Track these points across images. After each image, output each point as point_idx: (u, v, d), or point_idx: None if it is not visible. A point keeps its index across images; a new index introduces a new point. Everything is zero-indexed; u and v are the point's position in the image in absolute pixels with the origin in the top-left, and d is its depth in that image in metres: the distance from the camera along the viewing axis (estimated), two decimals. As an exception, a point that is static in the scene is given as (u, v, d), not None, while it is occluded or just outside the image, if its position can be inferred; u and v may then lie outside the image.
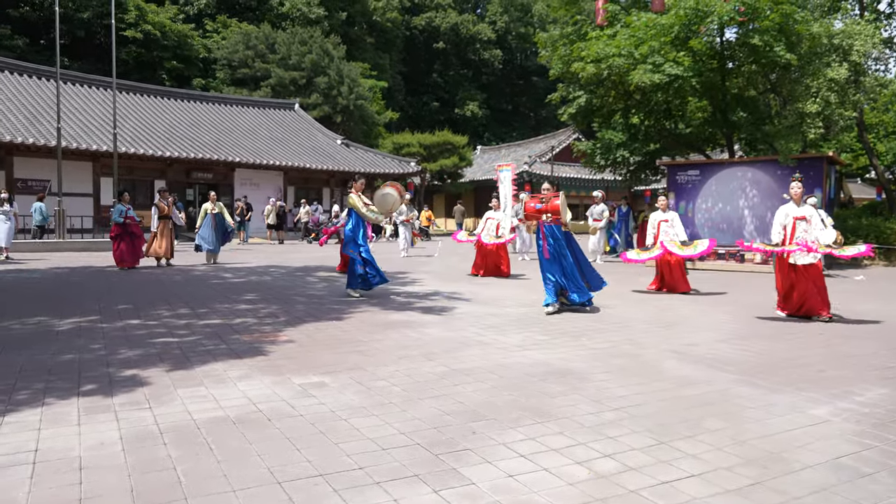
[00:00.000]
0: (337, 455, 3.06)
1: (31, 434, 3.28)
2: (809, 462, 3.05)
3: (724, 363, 5.08)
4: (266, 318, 7.00)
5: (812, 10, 15.93)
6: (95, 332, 6.05)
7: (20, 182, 22.39)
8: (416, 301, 8.56)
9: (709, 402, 4.03)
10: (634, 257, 10.34)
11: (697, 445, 3.25)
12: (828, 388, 4.37)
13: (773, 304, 7.79)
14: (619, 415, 3.73)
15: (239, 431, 3.37)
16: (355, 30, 48.58)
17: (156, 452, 3.06)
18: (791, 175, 13.68)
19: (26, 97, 25.55)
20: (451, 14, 56.33)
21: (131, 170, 24.90)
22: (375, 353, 5.29)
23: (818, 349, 5.71)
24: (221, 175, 28.09)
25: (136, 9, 37.05)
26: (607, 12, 16.70)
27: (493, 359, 5.14)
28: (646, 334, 6.33)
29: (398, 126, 48.19)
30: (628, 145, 17.81)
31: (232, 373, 4.58)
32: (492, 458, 3.04)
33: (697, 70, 14.52)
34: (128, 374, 4.50)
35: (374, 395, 4.09)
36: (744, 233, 14.43)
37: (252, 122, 32.90)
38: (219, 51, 40.92)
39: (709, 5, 13.69)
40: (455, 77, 57.08)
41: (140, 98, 30.65)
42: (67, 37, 35.60)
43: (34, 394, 3.99)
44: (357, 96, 39.78)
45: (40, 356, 5.01)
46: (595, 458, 3.07)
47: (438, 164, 37.23)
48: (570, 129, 38.84)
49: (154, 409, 3.71)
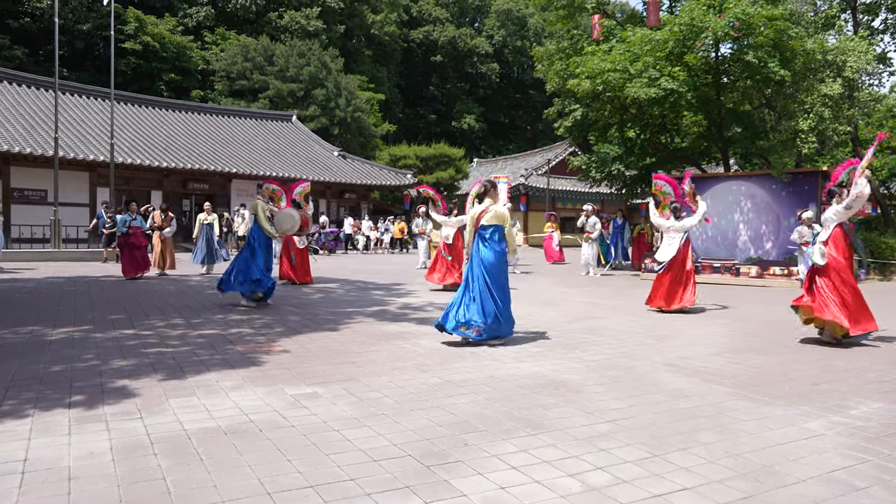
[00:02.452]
0: (328, 466, 3.04)
1: (21, 444, 3.26)
2: (803, 476, 3.04)
3: (718, 376, 5.08)
4: (260, 329, 6.98)
5: (806, 26, 16.10)
6: (88, 342, 6.02)
7: (17, 192, 22.36)
8: (411, 312, 8.54)
9: (702, 414, 4.02)
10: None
11: (691, 458, 3.24)
12: (822, 401, 4.37)
13: (767, 319, 7.78)
14: (612, 427, 3.72)
15: (230, 442, 3.35)
16: (353, 43, 48.84)
17: (146, 462, 3.04)
18: (786, 189, 13.86)
19: (24, 107, 25.57)
20: (448, 28, 56.69)
21: (128, 180, 24.89)
22: (369, 365, 5.27)
23: (812, 363, 5.71)
24: (218, 186, 28.10)
25: (135, 20, 37.21)
26: (603, 27, 16.86)
27: (487, 370, 5.13)
28: (640, 347, 6.33)
29: (395, 138, 48.34)
30: (624, 159, 17.89)
31: (224, 383, 4.56)
32: (484, 470, 3.03)
33: (692, 85, 14.63)
34: (119, 384, 4.47)
35: (366, 406, 4.07)
36: (738, 245, 14.49)
37: (249, 134, 32.97)
38: (217, 63, 41.06)
39: (703, 21, 13.82)
40: (452, 90, 57.35)
41: (138, 109, 30.70)
42: (67, 48, 35.73)
43: (25, 403, 3.96)
44: (354, 108, 39.93)
45: (32, 366, 4.98)
46: (588, 471, 3.05)
47: (435, 177, 37.32)
48: (566, 143, 38.93)
49: (145, 420, 3.69)
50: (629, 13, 21.06)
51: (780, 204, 14.00)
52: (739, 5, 13.58)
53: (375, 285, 12.35)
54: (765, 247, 14.17)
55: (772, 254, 14.04)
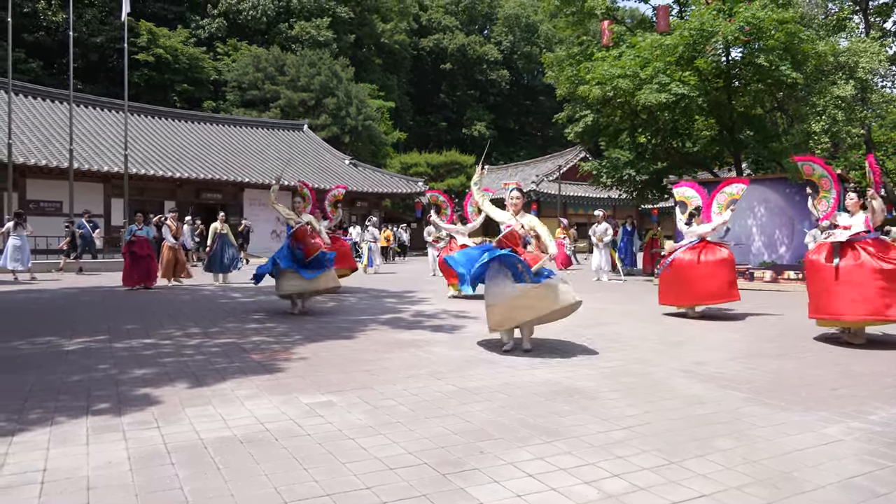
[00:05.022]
0: (344, 475, 3.05)
1: (40, 454, 3.29)
2: (822, 482, 3.01)
3: (734, 382, 5.04)
4: (274, 337, 7.01)
5: (817, 29, 16.02)
6: (104, 352, 6.07)
7: (32, 203, 22.63)
8: (424, 320, 8.55)
9: (719, 421, 3.99)
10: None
11: (708, 465, 3.22)
12: (840, 406, 4.32)
13: (782, 324, 7.72)
14: (628, 434, 3.70)
15: (246, 451, 3.36)
16: (363, 52, 49.10)
17: (163, 472, 3.06)
18: (799, 193, 13.75)
19: (40, 120, 25.91)
20: (458, 35, 56.89)
21: (142, 191, 25.13)
22: (383, 372, 5.28)
23: (829, 368, 5.66)
24: (231, 195, 28.30)
25: (147, 33, 37.64)
26: (613, 33, 16.87)
27: (501, 378, 5.12)
28: (654, 353, 6.29)
29: (406, 146, 48.51)
30: (635, 164, 17.85)
31: (240, 392, 4.58)
32: (500, 478, 3.02)
33: (703, 89, 14.59)
34: (136, 394, 4.51)
35: (381, 414, 4.08)
36: (752, 250, 14.38)
37: (261, 143, 33.20)
38: (229, 73, 41.43)
39: (714, 25, 13.79)
40: (462, 97, 57.49)
41: (151, 120, 31.02)
42: (81, 61, 36.18)
43: (43, 413, 4.00)
44: (365, 117, 40.11)
45: (49, 376, 5.03)
46: (604, 478, 3.04)
47: (446, 184, 37.44)
48: (577, 148, 38.93)
49: (162, 429, 3.71)
50: (639, 19, 21.10)
51: (794, 207, 13.89)
52: (750, 9, 13.54)
53: (387, 293, 12.38)
54: (779, 251, 14.06)
55: (786, 258, 13.93)
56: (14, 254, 14.65)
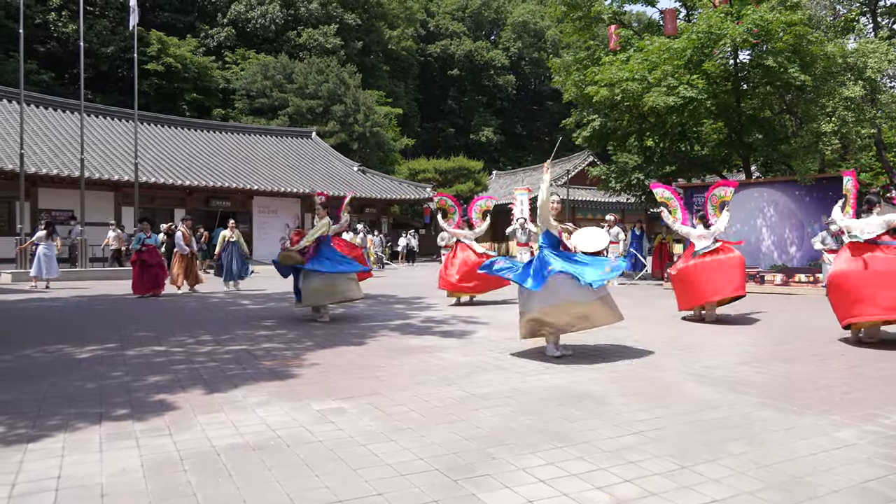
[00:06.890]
0: (356, 481, 3.06)
1: (54, 461, 3.32)
2: (835, 486, 2.99)
3: (745, 386, 5.01)
4: (285, 344, 7.04)
5: (825, 31, 15.96)
6: (116, 360, 6.12)
7: (44, 212, 22.82)
8: (434, 326, 8.56)
9: (730, 425, 3.98)
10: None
11: (720, 470, 3.21)
12: (852, 410, 4.30)
13: (793, 327, 7.68)
14: (639, 439, 3.70)
15: (258, 457, 3.38)
16: (371, 59, 49.26)
17: (176, 479, 3.08)
18: (809, 195, 13.68)
19: (51, 130, 26.14)
20: (465, 41, 57.01)
21: (152, 199, 25.30)
22: (393, 379, 5.29)
23: (841, 371, 5.62)
24: (240, 202, 28.44)
25: (157, 42, 37.94)
26: (620, 37, 16.88)
27: (511, 383, 5.12)
28: (664, 357, 6.27)
29: (414, 152, 48.59)
30: (643, 168, 17.81)
31: (251, 399, 4.60)
32: (512, 484, 3.02)
33: (712, 92, 14.56)
34: (148, 401, 4.54)
35: (392, 420, 4.09)
36: (761, 253, 14.32)
37: (270, 151, 33.36)
38: (237, 81, 41.68)
39: (721, 28, 13.77)
40: (470, 103, 57.57)
41: (161, 129, 31.24)
42: (91, 71, 36.46)
43: (57, 421, 4.04)
44: (373, 123, 40.22)
45: (62, 384, 5.07)
46: (616, 483, 3.04)
47: (454, 189, 37.44)
48: (585, 153, 38.91)
49: (174, 436, 3.74)
50: (646, 23, 21.06)
51: (804, 210, 13.83)
52: (758, 12, 13.51)
53: (396, 299, 12.40)
54: (789, 253, 13.99)
55: (796, 259, 13.86)
56: (46, 263, 15.04)
